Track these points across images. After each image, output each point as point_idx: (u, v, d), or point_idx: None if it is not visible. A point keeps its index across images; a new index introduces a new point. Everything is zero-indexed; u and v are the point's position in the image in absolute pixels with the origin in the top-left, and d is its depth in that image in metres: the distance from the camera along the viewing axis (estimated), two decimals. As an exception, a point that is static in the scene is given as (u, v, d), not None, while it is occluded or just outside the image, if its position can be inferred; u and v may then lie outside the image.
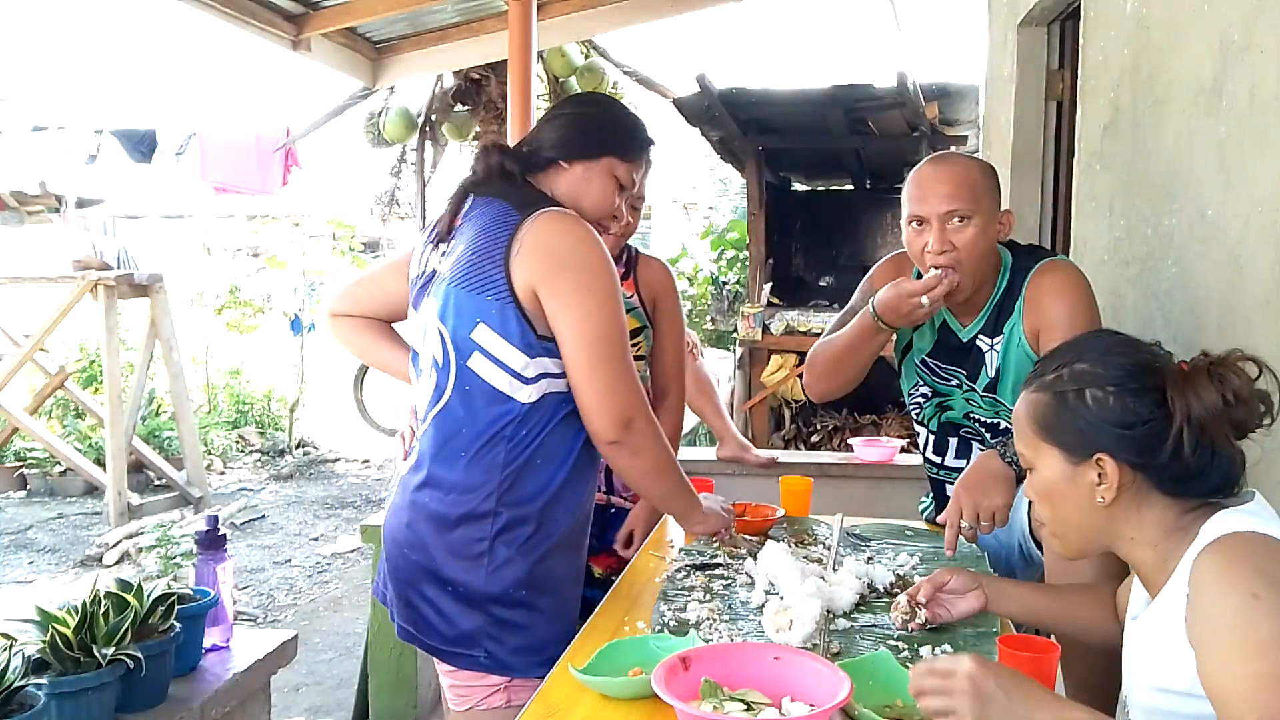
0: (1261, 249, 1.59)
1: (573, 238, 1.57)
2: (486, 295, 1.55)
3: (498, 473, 1.56)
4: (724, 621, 1.53)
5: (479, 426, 1.57)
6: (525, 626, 1.58)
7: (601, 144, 1.71)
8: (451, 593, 1.58)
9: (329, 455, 8.45)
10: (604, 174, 1.71)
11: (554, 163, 1.70)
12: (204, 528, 1.90)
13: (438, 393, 1.61)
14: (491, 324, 1.55)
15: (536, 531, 1.58)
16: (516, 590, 1.57)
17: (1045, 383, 1.22)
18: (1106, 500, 1.16)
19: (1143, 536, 1.17)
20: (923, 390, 2.08)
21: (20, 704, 1.39)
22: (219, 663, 1.85)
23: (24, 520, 6.24)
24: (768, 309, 5.94)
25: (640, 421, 1.57)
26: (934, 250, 1.83)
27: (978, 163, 1.92)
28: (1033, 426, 1.23)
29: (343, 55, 4.99)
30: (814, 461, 3.45)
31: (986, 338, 1.94)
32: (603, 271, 1.57)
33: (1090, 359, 1.20)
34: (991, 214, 1.85)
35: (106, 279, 6.14)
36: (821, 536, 2.01)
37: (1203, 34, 1.82)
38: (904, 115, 5.71)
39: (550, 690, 1.33)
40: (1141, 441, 1.14)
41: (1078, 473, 1.18)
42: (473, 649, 1.58)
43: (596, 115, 1.77)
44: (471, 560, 1.56)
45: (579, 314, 1.54)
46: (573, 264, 1.55)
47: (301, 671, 3.85)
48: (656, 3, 4.90)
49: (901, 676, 1.28)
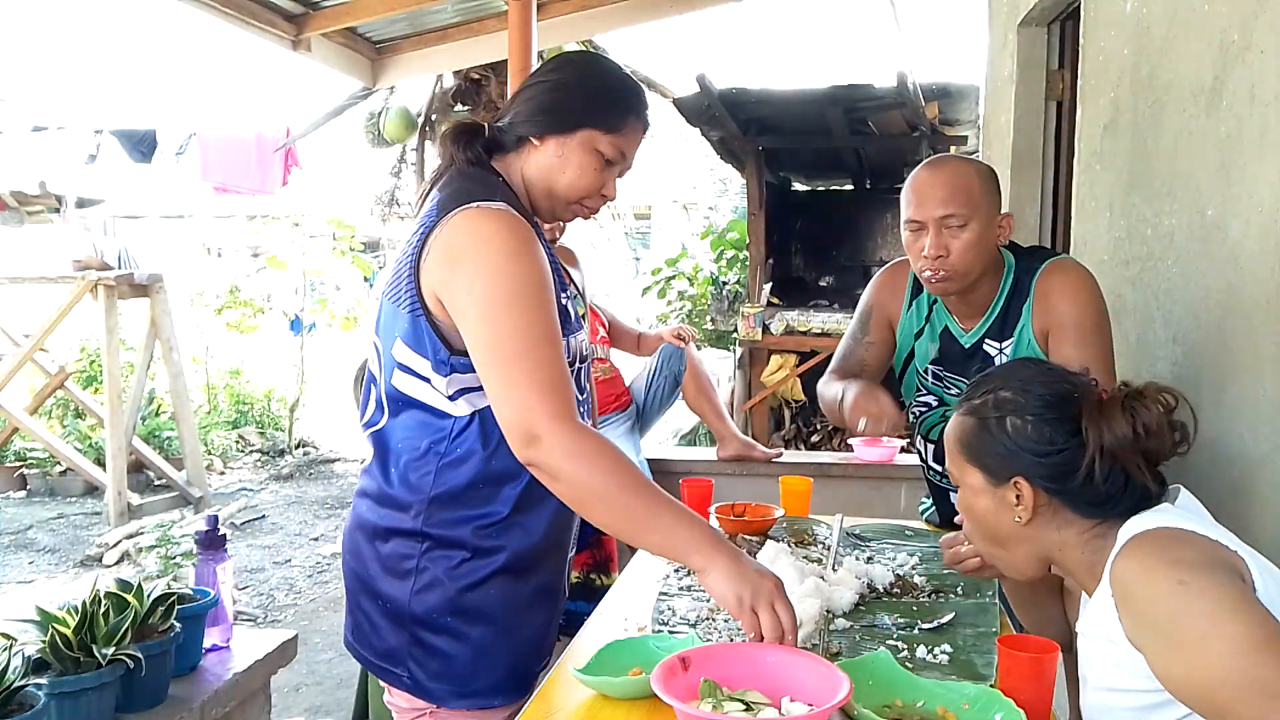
0: (1261, 249, 1.59)
1: (475, 235, 1.37)
2: (401, 307, 1.42)
3: (426, 491, 1.43)
4: (724, 621, 1.53)
5: (409, 442, 1.45)
6: (448, 654, 1.44)
7: (577, 115, 1.47)
8: (381, 606, 1.47)
9: (329, 455, 8.45)
10: (582, 149, 1.48)
11: (524, 140, 1.49)
12: (204, 528, 1.90)
13: (376, 407, 1.50)
14: (406, 339, 1.42)
15: (472, 557, 1.43)
16: (440, 616, 1.44)
17: (973, 407, 1.29)
18: (1023, 520, 1.24)
19: (1066, 545, 1.24)
20: (926, 399, 2.05)
21: (20, 704, 1.39)
22: (219, 663, 1.85)
23: (24, 520, 6.23)
24: (768, 309, 5.94)
25: (550, 437, 1.29)
26: (929, 254, 1.81)
27: (975, 165, 1.89)
28: (959, 448, 1.30)
29: (343, 55, 5.00)
30: (814, 461, 3.45)
31: (994, 341, 1.92)
32: (505, 267, 1.35)
33: (1014, 387, 1.26)
34: (990, 217, 1.83)
35: (106, 279, 6.14)
36: (821, 537, 2.01)
37: (1203, 34, 1.82)
38: (904, 115, 5.71)
39: (550, 690, 1.33)
40: (1056, 467, 1.21)
41: (998, 494, 1.25)
42: (397, 667, 1.47)
43: (572, 81, 1.50)
44: (399, 577, 1.45)
45: (475, 316, 1.35)
46: (468, 263, 1.35)
47: (301, 671, 3.85)
48: (656, 3, 4.90)
49: (901, 677, 1.28)
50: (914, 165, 1.98)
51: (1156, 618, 1.07)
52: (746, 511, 2.06)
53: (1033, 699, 1.20)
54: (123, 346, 6.78)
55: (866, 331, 2.09)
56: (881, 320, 2.07)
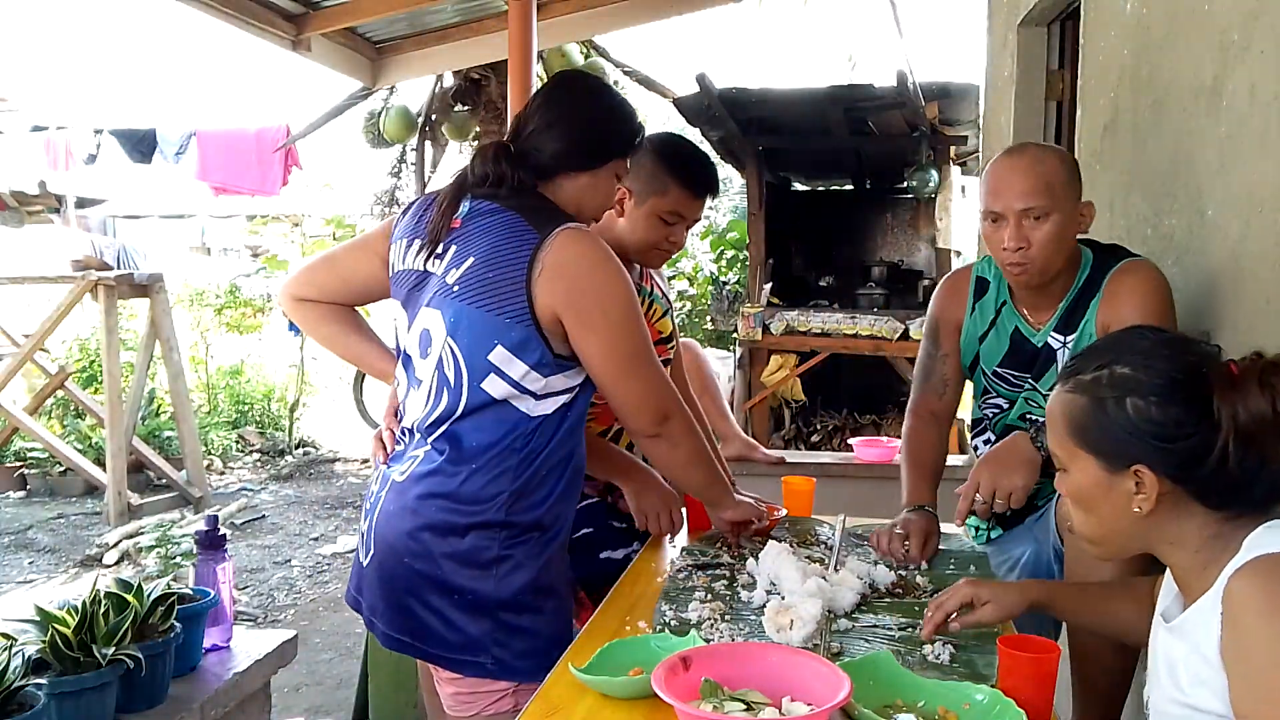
0: (1261, 249, 1.59)
1: (591, 260, 1.56)
2: (505, 317, 1.54)
3: (509, 485, 1.56)
4: (725, 621, 1.53)
5: (489, 441, 1.56)
6: (531, 630, 1.58)
7: (608, 151, 1.69)
8: (458, 601, 1.56)
9: (329, 455, 8.45)
10: (609, 177, 1.71)
11: (560, 172, 1.67)
12: (204, 528, 1.90)
13: (448, 409, 1.58)
14: (509, 346, 1.54)
15: (542, 535, 1.60)
16: (524, 595, 1.57)
17: (1084, 383, 1.16)
18: (1144, 511, 1.12)
19: (1182, 542, 1.13)
20: (996, 401, 2.02)
21: (20, 704, 1.39)
22: (219, 663, 1.85)
23: (24, 520, 6.23)
24: (768, 309, 5.94)
25: (676, 416, 1.66)
26: (1010, 247, 1.77)
27: (1057, 153, 1.82)
28: (1068, 429, 1.18)
29: (343, 55, 4.99)
30: (814, 461, 3.46)
31: (1059, 335, 1.89)
32: (622, 291, 1.58)
33: (1133, 362, 1.13)
34: (1071, 209, 1.78)
35: (106, 279, 6.14)
36: (824, 537, 2.01)
37: (1203, 34, 1.82)
38: (904, 115, 5.71)
39: (550, 690, 1.33)
40: (1183, 454, 1.09)
41: (1114, 481, 1.14)
42: (480, 655, 1.56)
43: (600, 119, 1.71)
44: (481, 568, 1.56)
45: (604, 337, 1.56)
46: (593, 289, 1.55)
47: (301, 671, 3.85)
48: (656, 3, 4.90)
49: (902, 677, 1.28)
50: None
51: (1255, 651, 1.00)
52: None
53: (1034, 699, 1.20)
54: (123, 346, 6.78)
55: (939, 345, 2.07)
56: (949, 330, 2.05)
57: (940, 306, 2.07)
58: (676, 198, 1.98)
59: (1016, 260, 1.78)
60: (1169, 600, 1.22)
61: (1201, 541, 1.12)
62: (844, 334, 5.77)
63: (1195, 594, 1.13)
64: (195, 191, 9.38)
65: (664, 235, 2.00)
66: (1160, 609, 1.23)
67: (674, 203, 1.98)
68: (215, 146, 8.05)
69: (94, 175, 8.51)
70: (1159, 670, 1.18)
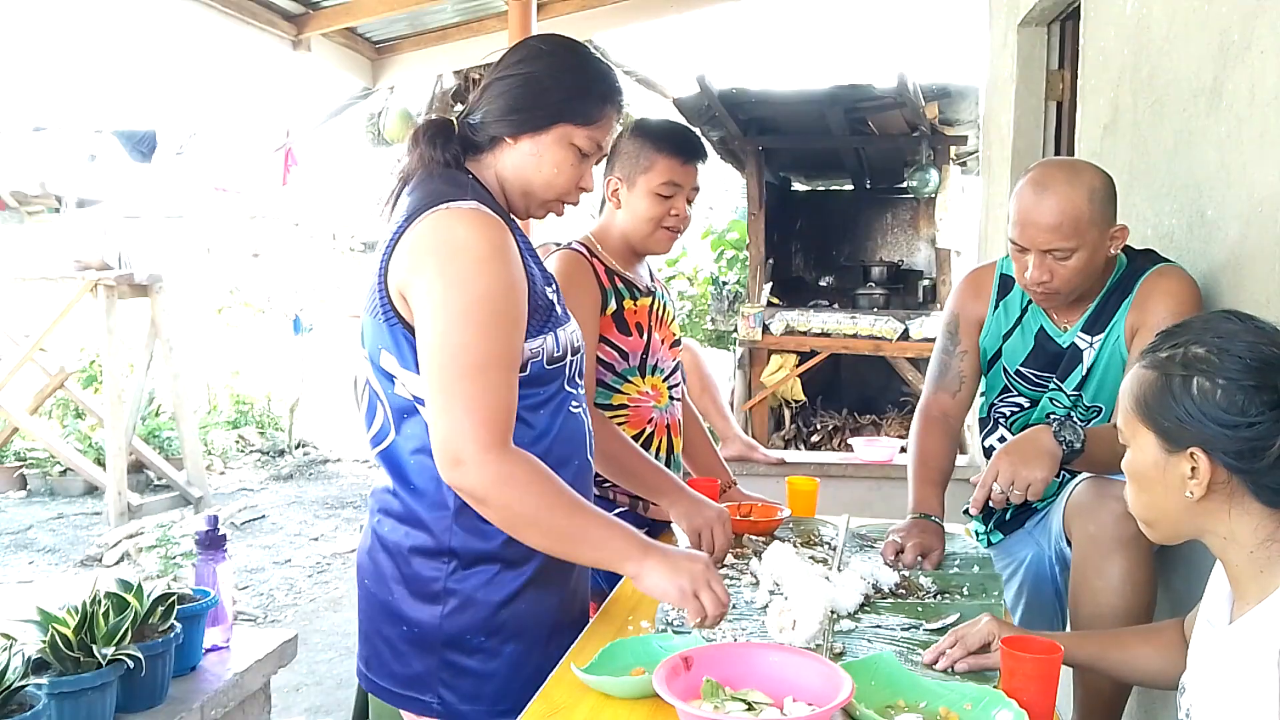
0: (1261, 249, 1.59)
1: (444, 239, 1.32)
2: (377, 318, 1.38)
3: (449, 504, 1.38)
4: (727, 621, 1.53)
5: (422, 454, 1.38)
6: (482, 674, 1.41)
7: (551, 112, 1.42)
8: (405, 633, 1.42)
9: (329, 455, 8.45)
10: (557, 145, 1.43)
11: (497, 140, 1.44)
12: (204, 528, 1.90)
13: (382, 425, 1.44)
14: (388, 348, 1.38)
15: (502, 570, 1.40)
16: (474, 636, 1.40)
17: (1157, 360, 1.14)
18: (1195, 496, 1.10)
19: (1235, 539, 1.10)
20: (1016, 400, 2.01)
21: (20, 704, 1.39)
22: (219, 663, 1.85)
23: (24, 520, 6.23)
24: (768, 309, 5.94)
25: (475, 464, 1.28)
26: (1033, 281, 1.77)
27: (1086, 186, 1.73)
28: (1133, 403, 1.15)
29: (343, 55, 5.00)
30: (815, 461, 3.46)
31: (1086, 335, 1.89)
32: (470, 278, 1.30)
33: (1209, 344, 1.10)
34: (1099, 239, 1.75)
35: (106, 279, 6.14)
36: (827, 537, 2.01)
37: (1203, 34, 1.82)
38: (904, 115, 5.71)
39: (552, 690, 1.33)
40: (1244, 443, 1.06)
41: (1171, 462, 1.11)
42: (424, 694, 1.42)
43: (544, 75, 1.43)
44: (427, 600, 1.40)
45: (429, 325, 1.31)
46: (432, 267, 1.31)
47: (301, 671, 3.85)
48: (656, 3, 4.91)
49: (904, 677, 1.28)
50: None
51: None
52: (753, 511, 2.06)
53: (1035, 700, 1.19)
54: (123, 347, 6.78)
55: (957, 340, 2.07)
56: (969, 326, 2.05)
57: (961, 302, 2.06)
58: (665, 167, 1.97)
59: (1039, 291, 1.80)
60: (1219, 600, 1.18)
61: (1257, 542, 1.09)
62: (844, 334, 5.78)
63: (1250, 597, 1.11)
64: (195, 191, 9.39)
65: (665, 210, 1.99)
66: (1207, 614, 1.20)
67: (664, 172, 1.97)
68: (215, 146, 8.06)
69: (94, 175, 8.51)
70: (1205, 674, 1.15)
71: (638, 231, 2.02)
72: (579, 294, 1.90)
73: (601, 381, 2.02)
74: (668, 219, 2.00)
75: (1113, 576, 1.63)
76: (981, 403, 2.12)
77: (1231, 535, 1.10)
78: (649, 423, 2.07)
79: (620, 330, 2.02)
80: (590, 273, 1.99)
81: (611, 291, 2.01)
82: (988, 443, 2.09)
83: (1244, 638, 1.09)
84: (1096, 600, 1.65)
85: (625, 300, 2.03)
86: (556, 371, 1.45)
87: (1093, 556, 1.67)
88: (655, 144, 1.97)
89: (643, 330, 2.05)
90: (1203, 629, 1.20)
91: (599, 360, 2.00)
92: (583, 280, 1.97)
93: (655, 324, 2.09)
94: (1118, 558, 1.63)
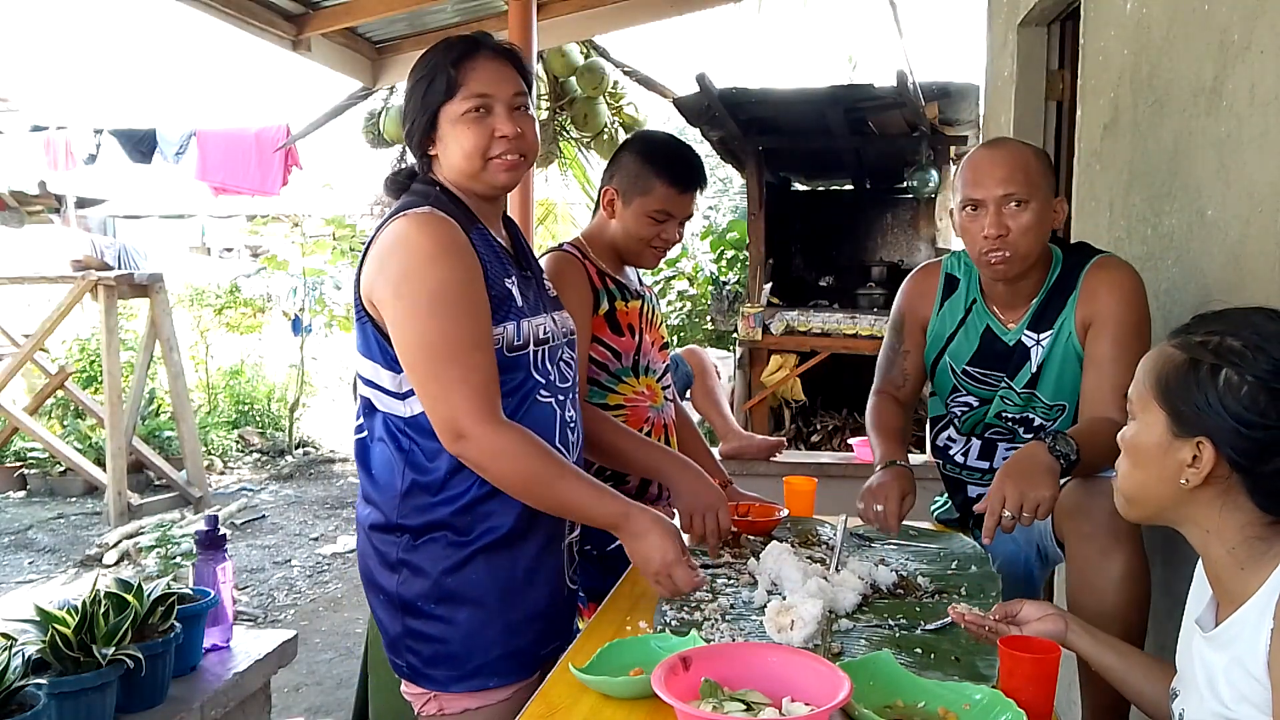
0: (1261, 249, 1.59)
1: (399, 240, 1.47)
2: (356, 320, 1.56)
3: (397, 487, 1.53)
4: (725, 621, 1.53)
5: (380, 444, 1.56)
6: (440, 639, 1.54)
7: (428, 97, 1.54)
8: (382, 600, 1.58)
9: (329, 455, 8.45)
10: (454, 123, 1.53)
11: (424, 150, 1.59)
12: (204, 528, 1.91)
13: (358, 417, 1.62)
14: (361, 348, 1.55)
15: (455, 538, 1.52)
16: (425, 603, 1.53)
17: (1189, 343, 1.12)
18: (1189, 484, 1.10)
19: (1219, 534, 1.10)
20: (965, 400, 2.02)
21: (20, 704, 1.39)
22: (219, 663, 1.85)
23: (24, 520, 6.23)
24: (768, 309, 5.94)
25: (475, 437, 1.43)
26: (989, 234, 1.79)
27: (1031, 148, 1.89)
28: (1153, 380, 1.14)
29: (343, 55, 5.00)
30: (814, 461, 3.46)
31: (1032, 333, 1.91)
32: (425, 271, 1.44)
33: (1246, 338, 1.08)
34: (1047, 200, 1.81)
35: (106, 279, 6.14)
36: (825, 537, 2.01)
37: (1203, 34, 1.82)
38: (904, 115, 5.70)
39: (551, 690, 1.33)
40: (1254, 444, 1.05)
41: (1175, 445, 1.10)
42: (398, 656, 1.58)
43: (416, 74, 1.57)
44: (389, 569, 1.56)
45: (401, 319, 1.46)
46: (393, 266, 1.47)
47: (301, 671, 3.85)
48: (656, 3, 4.90)
49: (902, 677, 1.28)
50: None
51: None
52: (751, 511, 2.06)
53: (1034, 700, 1.20)
54: (123, 347, 6.78)
55: (901, 340, 2.10)
56: (914, 326, 2.07)
57: (908, 301, 2.09)
58: (661, 195, 2.00)
59: (995, 248, 1.80)
60: (1202, 606, 1.19)
61: (1240, 540, 1.09)
62: (844, 334, 5.77)
63: (1231, 598, 1.11)
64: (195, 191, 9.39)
65: (655, 233, 2.03)
66: (1193, 616, 1.20)
67: (660, 200, 2.00)
68: (215, 146, 8.06)
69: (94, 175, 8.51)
70: (1195, 681, 1.15)
71: (627, 246, 2.06)
72: (570, 293, 1.93)
73: (597, 381, 2.04)
74: (657, 241, 2.04)
75: (1113, 573, 1.63)
76: (933, 401, 2.13)
77: (1216, 530, 1.10)
78: (646, 422, 2.08)
79: (613, 331, 2.05)
80: (582, 273, 2.03)
81: (604, 292, 2.05)
82: (940, 440, 2.12)
83: (1231, 640, 1.09)
84: (1100, 598, 1.66)
85: (617, 301, 2.07)
86: (519, 359, 1.55)
87: (1091, 555, 1.67)
88: (656, 169, 2.00)
89: (634, 331, 2.08)
90: (1191, 634, 1.20)
91: (593, 360, 2.03)
92: (574, 279, 2.00)
93: (645, 326, 2.13)
94: (1116, 554, 1.63)
